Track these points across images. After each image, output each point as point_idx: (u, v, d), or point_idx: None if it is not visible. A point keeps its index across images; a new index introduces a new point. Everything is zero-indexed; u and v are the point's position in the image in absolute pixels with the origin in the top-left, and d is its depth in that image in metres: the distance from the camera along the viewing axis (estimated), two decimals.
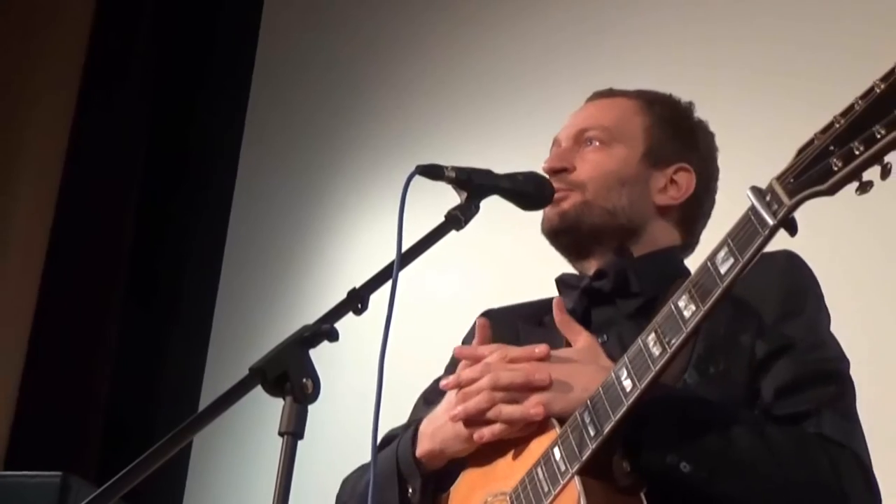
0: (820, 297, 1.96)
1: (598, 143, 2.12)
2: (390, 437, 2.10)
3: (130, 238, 4.91)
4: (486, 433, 1.84)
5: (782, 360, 1.84)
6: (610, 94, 2.24)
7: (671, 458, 1.68)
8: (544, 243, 2.21)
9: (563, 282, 2.14)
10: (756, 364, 1.85)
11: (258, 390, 1.53)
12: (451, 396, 1.92)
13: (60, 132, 4.96)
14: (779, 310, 1.88)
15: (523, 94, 4.32)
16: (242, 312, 4.77)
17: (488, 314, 2.24)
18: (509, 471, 1.84)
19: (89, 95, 5.00)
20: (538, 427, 1.82)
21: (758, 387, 1.85)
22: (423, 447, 1.94)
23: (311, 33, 5.11)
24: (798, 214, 1.53)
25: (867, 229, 3.30)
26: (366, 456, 1.61)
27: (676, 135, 2.17)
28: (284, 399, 1.52)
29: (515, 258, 3.92)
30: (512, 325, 2.13)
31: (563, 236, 2.11)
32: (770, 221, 1.52)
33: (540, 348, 1.84)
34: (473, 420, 1.86)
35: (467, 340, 2.22)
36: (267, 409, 1.65)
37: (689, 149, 2.17)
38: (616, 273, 2.04)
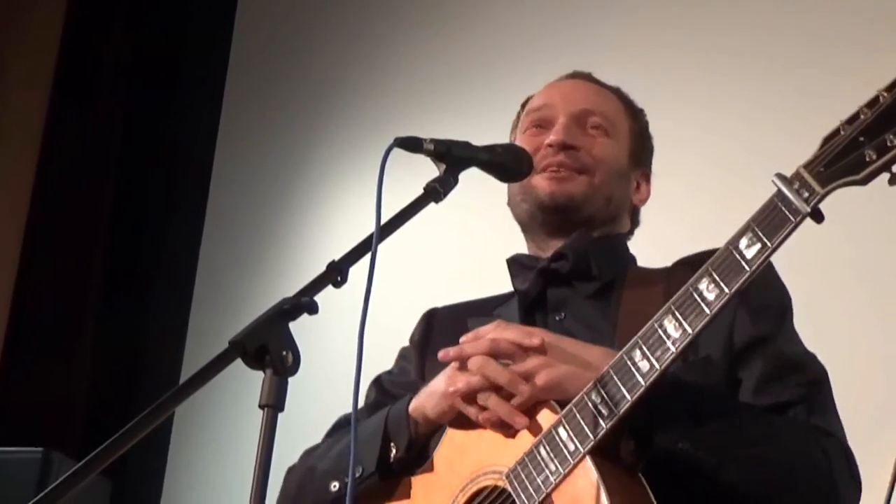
0: (788, 294, 2.01)
1: (602, 131, 2.16)
2: (343, 423, 2.12)
3: (110, 215, 4.90)
4: (471, 411, 1.85)
5: (763, 350, 1.88)
6: (594, 80, 2.27)
7: (684, 444, 1.70)
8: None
9: (516, 262, 2.15)
10: (735, 352, 1.88)
11: (239, 363, 1.53)
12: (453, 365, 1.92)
13: (36, 117, 4.95)
14: (755, 304, 1.91)
15: (501, 68, 4.31)
16: (223, 287, 4.77)
17: (433, 313, 2.25)
18: (503, 446, 1.82)
19: (65, 81, 5.00)
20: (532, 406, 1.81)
21: (737, 375, 1.88)
22: (415, 402, 1.96)
23: (288, 10, 5.09)
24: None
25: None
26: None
27: (645, 145, 2.25)
28: (264, 372, 1.52)
29: (490, 231, 3.92)
30: (460, 322, 2.13)
31: (557, 215, 2.12)
32: (804, 209, 1.55)
33: (535, 339, 1.82)
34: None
35: (414, 338, 2.22)
36: (247, 382, 1.65)
37: (649, 160, 2.26)
38: (576, 256, 2.07)
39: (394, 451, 1.95)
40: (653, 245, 2.21)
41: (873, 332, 3.20)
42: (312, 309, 1.60)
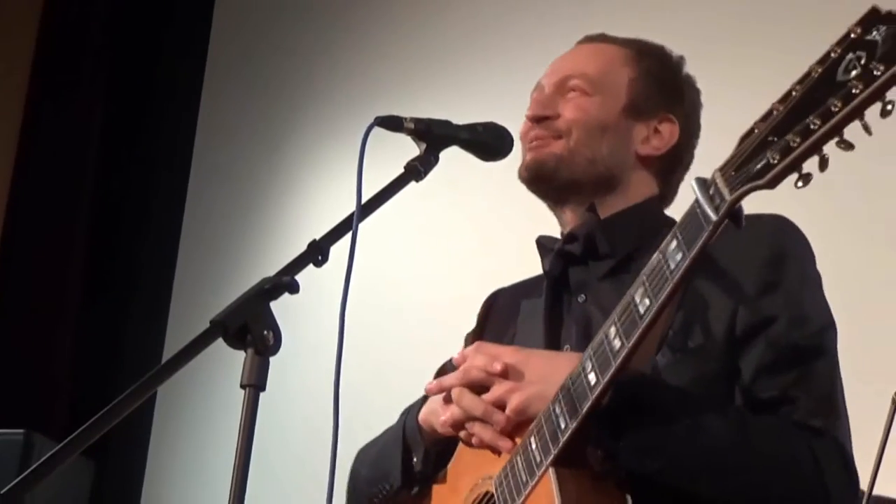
0: (805, 261, 1.91)
1: (579, 92, 2.09)
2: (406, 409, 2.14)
3: (91, 198, 4.89)
4: (463, 437, 1.89)
5: (760, 339, 1.81)
6: (601, 39, 2.20)
7: (650, 462, 1.69)
8: (512, 194, 2.21)
9: (541, 244, 2.12)
10: (734, 341, 1.82)
11: (221, 343, 1.53)
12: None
13: (14, 108, 4.93)
14: (759, 281, 1.84)
15: (484, 46, 4.31)
16: (204, 265, 4.76)
17: (497, 295, 2.24)
18: (498, 454, 1.86)
19: (43, 72, 4.98)
20: None
21: (736, 364, 1.82)
22: (423, 414, 1.99)
23: None
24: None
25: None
26: (328, 408, 1.62)
27: (662, 88, 2.14)
28: (246, 351, 1.52)
29: (474, 209, 3.92)
30: (515, 304, 2.14)
31: (538, 184, 2.08)
32: (713, 217, 1.50)
33: (497, 365, 1.82)
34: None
35: (477, 320, 2.22)
36: (230, 361, 1.65)
37: (674, 102, 2.14)
38: (585, 237, 2.03)
39: (414, 460, 1.99)
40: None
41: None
42: (293, 288, 1.60)
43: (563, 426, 1.69)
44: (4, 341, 4.68)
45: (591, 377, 1.66)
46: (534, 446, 1.74)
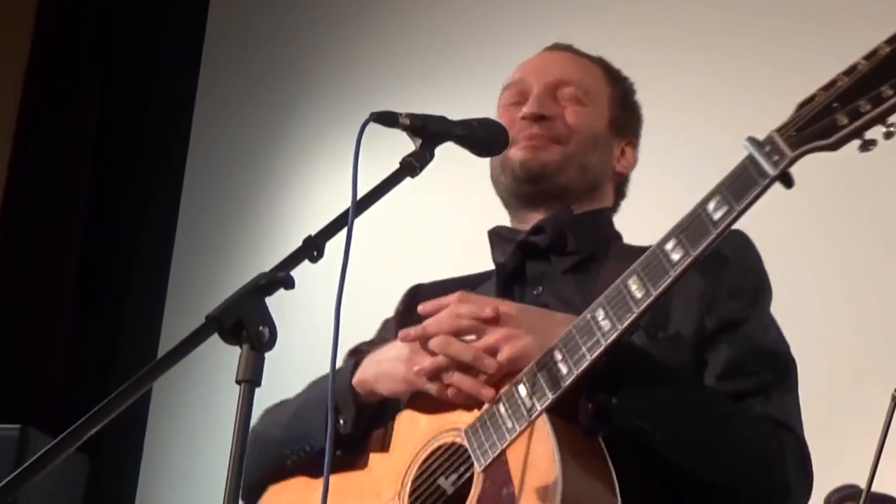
0: (764, 277, 1.99)
1: (575, 100, 2.14)
2: (313, 384, 2.10)
3: (87, 193, 4.89)
4: (434, 390, 1.82)
5: (731, 337, 1.87)
6: (573, 51, 2.26)
7: (640, 422, 1.71)
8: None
9: (497, 234, 2.14)
10: (704, 336, 1.88)
11: (216, 338, 1.53)
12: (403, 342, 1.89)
13: (10, 111, 4.93)
14: (731, 286, 1.91)
15: (479, 42, 4.31)
16: (200, 262, 4.76)
17: (418, 289, 2.23)
18: (462, 407, 1.81)
19: (39, 74, 4.98)
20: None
21: (703, 358, 1.87)
22: (359, 376, 1.94)
23: None
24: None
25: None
26: None
27: (630, 113, 2.23)
28: (241, 347, 1.52)
29: (468, 207, 3.92)
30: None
31: (531, 184, 2.11)
32: (770, 171, 1.53)
33: (489, 310, 1.79)
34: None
35: (397, 310, 2.21)
36: (225, 357, 1.65)
37: (635, 129, 2.24)
38: (555, 230, 2.06)
39: (341, 422, 1.93)
40: (638, 222, 2.18)
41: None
42: (289, 284, 1.60)
43: (564, 371, 1.68)
44: (1, 337, 4.68)
45: (605, 324, 1.66)
46: (523, 393, 1.72)
